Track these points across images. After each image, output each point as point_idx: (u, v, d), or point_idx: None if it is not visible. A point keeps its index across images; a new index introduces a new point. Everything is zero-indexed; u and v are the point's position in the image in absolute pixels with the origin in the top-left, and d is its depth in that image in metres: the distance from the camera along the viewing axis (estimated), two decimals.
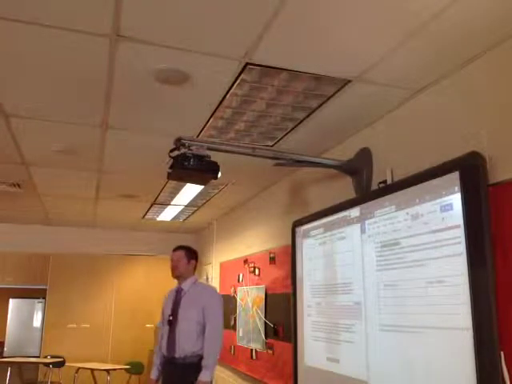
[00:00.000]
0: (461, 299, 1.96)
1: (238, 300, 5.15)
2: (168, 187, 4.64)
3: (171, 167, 2.47)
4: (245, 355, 4.80)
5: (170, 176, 2.57)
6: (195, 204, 5.46)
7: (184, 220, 6.45)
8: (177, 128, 3.04)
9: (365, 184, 2.87)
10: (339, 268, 2.96)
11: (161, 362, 3.69)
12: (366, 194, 2.79)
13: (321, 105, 2.70)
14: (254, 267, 4.78)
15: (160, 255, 6.97)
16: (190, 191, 4.80)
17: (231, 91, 2.54)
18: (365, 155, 2.92)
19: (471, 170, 1.98)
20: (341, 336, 2.86)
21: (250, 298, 4.77)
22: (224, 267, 5.94)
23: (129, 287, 6.81)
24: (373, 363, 2.53)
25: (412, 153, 2.52)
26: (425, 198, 2.23)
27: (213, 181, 2.66)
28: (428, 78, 2.36)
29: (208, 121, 2.96)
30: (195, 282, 3.79)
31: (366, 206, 2.69)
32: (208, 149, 2.51)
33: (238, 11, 1.83)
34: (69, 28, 1.95)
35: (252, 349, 4.60)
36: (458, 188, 2.03)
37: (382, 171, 2.73)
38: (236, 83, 2.44)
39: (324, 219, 3.17)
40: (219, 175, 2.55)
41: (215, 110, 2.80)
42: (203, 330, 3.54)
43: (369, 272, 2.61)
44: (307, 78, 2.38)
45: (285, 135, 3.19)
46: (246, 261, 5.04)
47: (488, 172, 1.95)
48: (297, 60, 2.21)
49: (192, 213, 5.98)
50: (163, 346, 3.64)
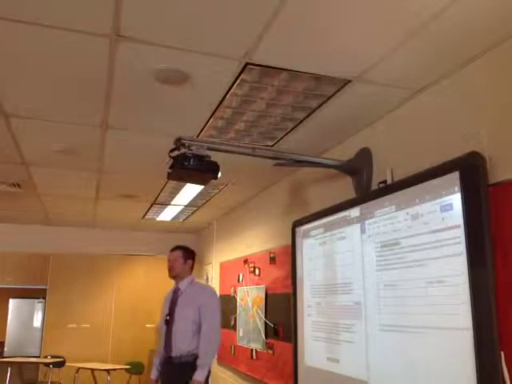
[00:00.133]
0: (461, 299, 1.96)
1: (238, 300, 5.15)
2: (168, 187, 4.64)
3: (171, 167, 2.47)
4: (245, 355, 4.80)
5: (170, 176, 2.57)
6: (195, 204, 5.46)
7: (184, 220, 6.45)
8: (177, 128, 3.04)
9: (365, 184, 2.87)
10: (339, 268, 2.96)
11: (160, 362, 3.70)
12: (366, 194, 2.79)
13: (321, 105, 2.70)
14: (254, 267, 4.78)
15: (160, 255, 6.96)
16: (190, 191, 4.80)
17: (231, 91, 2.54)
18: (365, 155, 2.91)
19: (471, 170, 1.98)
20: (341, 336, 2.86)
21: (250, 298, 4.77)
22: (224, 267, 5.94)
23: (129, 287, 6.81)
24: (373, 363, 2.53)
25: (412, 153, 2.52)
26: (425, 198, 2.23)
27: (213, 181, 2.66)
28: (428, 78, 2.36)
29: (208, 121, 2.96)
30: (192, 282, 3.79)
31: (366, 206, 2.69)
32: (208, 149, 2.50)
33: (238, 11, 1.83)
34: (69, 28, 1.95)
35: (252, 349, 4.60)
36: (458, 188, 2.02)
37: (382, 171, 2.73)
38: (236, 83, 2.44)
39: (324, 219, 3.17)
40: (219, 175, 2.55)
41: (215, 110, 2.80)
42: (199, 330, 3.55)
43: (369, 272, 2.61)
44: (307, 78, 2.38)
45: (285, 135, 3.19)
46: (246, 261, 5.04)
47: (488, 172, 1.95)
48: (297, 60, 2.21)
49: (192, 213, 5.98)
50: (161, 346, 3.67)
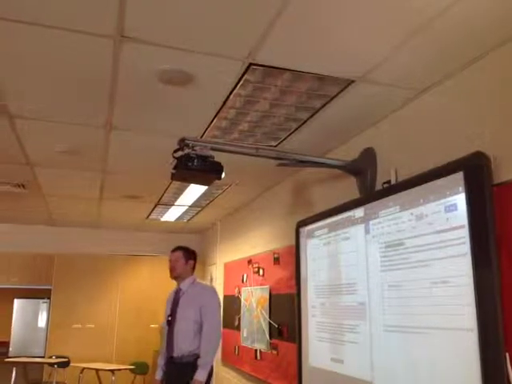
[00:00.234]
0: (465, 300, 1.95)
1: (243, 300, 5.15)
2: (172, 188, 4.65)
3: (175, 168, 2.47)
4: (249, 355, 4.80)
5: (174, 177, 2.57)
6: (199, 204, 5.47)
7: (188, 220, 6.45)
8: (180, 128, 3.05)
9: (369, 184, 2.86)
10: (343, 268, 2.95)
11: (165, 363, 3.71)
12: (371, 194, 2.79)
13: (324, 105, 2.70)
14: (258, 268, 4.78)
15: (164, 255, 6.93)
16: (194, 192, 4.81)
17: (235, 91, 2.54)
18: (369, 155, 2.91)
19: (475, 170, 1.97)
20: (345, 336, 2.85)
21: (255, 299, 4.77)
22: (228, 268, 5.94)
23: (133, 287, 6.82)
24: (377, 364, 2.53)
25: (416, 153, 2.52)
26: (429, 199, 2.22)
27: (217, 181, 2.66)
28: (432, 78, 2.35)
29: (212, 121, 2.96)
30: (193, 282, 3.79)
31: (371, 207, 2.68)
32: (212, 149, 2.50)
33: (242, 12, 1.83)
34: (73, 29, 1.96)
35: (256, 349, 4.60)
36: (463, 188, 2.02)
37: (387, 171, 2.72)
38: (239, 84, 2.44)
39: (328, 219, 3.16)
40: (223, 176, 2.55)
41: (219, 111, 2.80)
42: (201, 330, 3.55)
43: (373, 272, 2.60)
44: (310, 79, 2.38)
45: (288, 135, 3.18)
46: (250, 261, 5.04)
47: (492, 172, 1.94)
48: (300, 60, 2.21)
49: (196, 213, 5.98)
50: (164, 346, 3.68)
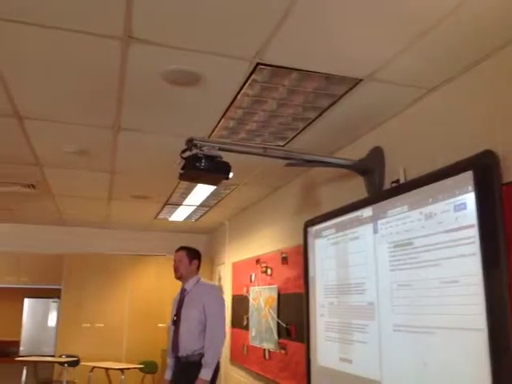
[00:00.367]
0: (475, 299, 1.93)
1: (251, 300, 5.15)
2: (180, 188, 4.66)
3: (183, 168, 2.47)
4: (257, 355, 4.80)
5: (182, 177, 2.57)
6: (207, 204, 5.48)
7: (196, 220, 6.47)
8: (188, 129, 3.05)
9: (377, 183, 2.85)
10: (352, 268, 2.94)
11: (174, 362, 3.73)
12: (379, 194, 2.77)
13: (332, 104, 2.69)
14: (267, 267, 4.77)
15: (172, 255, 6.97)
16: (202, 192, 4.82)
17: (242, 91, 2.54)
18: (377, 154, 2.90)
19: (485, 169, 1.95)
20: (354, 336, 2.84)
21: (263, 298, 4.77)
22: (236, 267, 5.95)
23: (142, 287, 6.85)
24: (386, 364, 2.52)
25: (425, 152, 2.50)
26: (438, 198, 2.21)
27: (224, 181, 2.66)
28: (440, 77, 2.33)
29: (219, 121, 2.96)
30: (198, 282, 3.79)
31: (379, 206, 2.67)
32: (219, 149, 2.51)
33: (249, 11, 1.83)
34: (81, 30, 1.97)
35: (265, 349, 4.60)
36: (472, 187, 2.00)
37: (395, 170, 2.71)
38: (247, 83, 2.44)
39: (336, 219, 3.15)
40: (231, 176, 2.56)
41: (226, 111, 2.80)
42: (205, 329, 3.56)
43: (382, 272, 2.59)
44: (318, 78, 2.37)
45: (296, 135, 3.18)
46: (258, 261, 5.04)
47: (502, 171, 1.93)
48: (307, 60, 2.20)
49: (204, 213, 5.99)
50: (170, 346, 3.71)
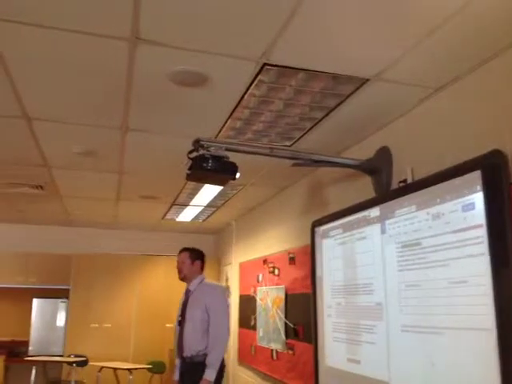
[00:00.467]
0: (484, 300, 1.92)
1: (258, 300, 5.15)
2: (187, 188, 4.67)
3: (190, 168, 2.48)
4: (265, 355, 4.80)
5: (189, 177, 2.58)
6: (214, 205, 5.49)
7: (203, 220, 6.48)
8: (195, 129, 3.06)
9: (385, 183, 2.84)
10: (359, 268, 2.94)
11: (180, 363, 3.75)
12: (386, 194, 2.76)
13: (339, 104, 2.68)
14: (274, 267, 4.77)
15: None
16: (209, 192, 4.82)
17: (249, 92, 2.54)
18: (384, 154, 2.88)
19: (493, 169, 1.94)
20: (362, 337, 2.84)
21: (270, 299, 4.77)
22: (243, 267, 5.95)
23: (150, 287, 6.87)
24: (394, 364, 2.51)
25: (433, 151, 2.49)
26: (446, 198, 2.20)
27: (231, 181, 2.67)
28: (448, 76, 2.32)
29: (226, 122, 2.97)
30: (202, 282, 3.81)
31: (386, 206, 2.66)
32: (226, 150, 2.51)
33: (255, 12, 1.83)
34: (89, 32, 1.98)
35: (272, 349, 4.60)
36: (480, 187, 1.99)
37: (402, 170, 2.70)
38: (254, 84, 2.44)
39: (343, 219, 3.15)
40: (237, 176, 2.56)
41: (233, 111, 2.81)
42: (209, 328, 3.58)
43: (390, 272, 2.58)
44: (325, 78, 2.37)
45: (303, 135, 3.17)
46: (266, 261, 5.04)
47: (511, 170, 1.91)
48: (314, 59, 2.20)
49: (211, 213, 6.00)
50: (175, 347, 3.74)
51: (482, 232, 1.96)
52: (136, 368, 5.84)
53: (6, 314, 6.93)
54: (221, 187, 4.45)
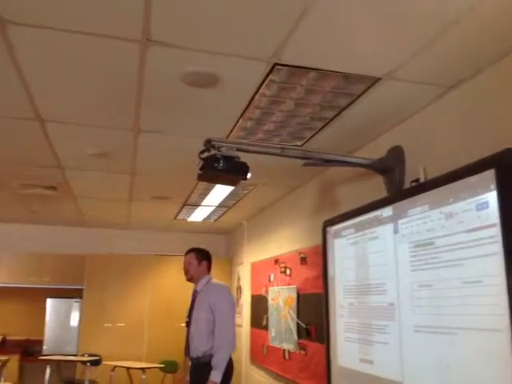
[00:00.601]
0: (498, 300, 1.90)
1: (270, 300, 5.15)
2: (199, 188, 4.69)
3: (201, 169, 2.49)
4: (277, 355, 4.80)
5: (201, 177, 2.59)
6: (226, 205, 5.50)
7: (215, 220, 6.50)
8: (206, 130, 3.07)
9: (397, 183, 2.82)
10: (372, 268, 2.92)
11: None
12: (399, 193, 2.75)
13: (350, 103, 2.67)
14: (285, 267, 4.77)
15: None
16: (221, 192, 4.84)
17: (260, 92, 2.54)
18: (397, 153, 2.87)
19: (507, 168, 1.91)
20: (374, 337, 2.82)
21: (282, 298, 4.76)
22: (255, 267, 5.95)
23: (162, 287, 6.90)
24: (407, 364, 2.49)
25: (445, 150, 2.47)
26: (459, 197, 2.18)
27: (243, 181, 2.67)
28: (461, 74, 2.30)
29: (237, 122, 2.97)
30: (208, 282, 3.81)
31: (399, 206, 2.64)
32: (237, 150, 2.51)
33: (266, 12, 1.83)
34: (100, 34, 2.00)
35: (284, 349, 4.59)
36: (494, 186, 1.97)
37: (415, 169, 2.68)
38: (264, 84, 2.44)
39: (355, 219, 3.13)
40: (249, 176, 2.56)
41: (244, 111, 2.81)
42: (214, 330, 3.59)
43: (403, 272, 2.57)
44: (336, 77, 2.36)
45: (314, 135, 3.17)
46: (277, 261, 5.04)
47: None
48: (325, 59, 2.20)
49: (223, 213, 6.02)
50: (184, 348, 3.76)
51: (496, 231, 1.93)
52: (149, 367, 5.87)
53: (21, 314, 7.02)
54: (232, 187, 4.46)
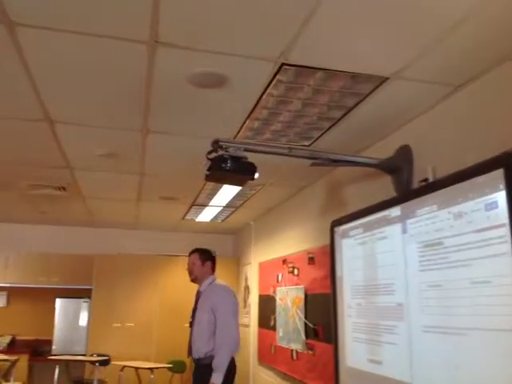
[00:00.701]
0: (507, 300, 1.89)
1: (278, 300, 5.15)
2: (206, 188, 4.70)
3: (209, 169, 2.49)
4: (285, 355, 4.79)
5: (208, 178, 2.59)
6: (233, 205, 5.50)
7: (222, 221, 6.50)
8: (214, 130, 3.08)
9: (405, 182, 2.81)
10: (380, 268, 2.91)
11: None
12: (407, 193, 2.74)
13: (358, 103, 2.67)
14: (293, 267, 4.77)
15: None
16: (228, 192, 4.84)
17: (267, 92, 2.54)
18: (405, 153, 2.85)
19: None
20: (382, 337, 2.81)
21: (290, 299, 4.76)
22: (263, 267, 5.95)
23: (171, 287, 6.91)
24: (416, 365, 2.48)
25: (454, 150, 2.46)
26: (468, 197, 2.17)
27: (250, 182, 2.67)
28: (469, 73, 2.28)
29: (244, 122, 2.98)
30: (212, 283, 3.80)
31: (408, 205, 2.63)
32: (245, 150, 2.51)
33: (273, 13, 1.84)
34: (109, 36, 2.01)
35: (292, 349, 4.59)
36: (503, 185, 1.95)
37: (423, 169, 2.67)
38: (272, 84, 2.44)
39: (363, 219, 3.12)
40: (256, 176, 2.56)
41: (252, 112, 2.81)
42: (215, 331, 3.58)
43: (411, 272, 2.56)
44: (343, 77, 2.36)
45: (321, 135, 3.16)
46: (285, 261, 5.03)
47: None
48: (332, 59, 2.19)
49: (230, 213, 6.02)
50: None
51: (506, 231, 1.92)
52: (157, 367, 5.88)
53: (30, 314, 7.07)
54: (240, 187, 4.46)
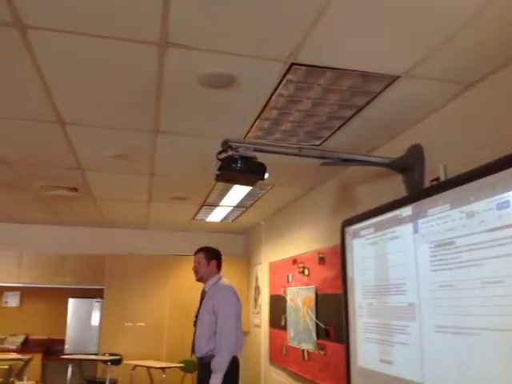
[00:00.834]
0: None
1: (288, 300, 5.14)
2: (216, 189, 4.71)
3: (219, 169, 2.50)
4: (296, 355, 4.79)
5: (218, 178, 2.60)
6: (244, 205, 5.51)
7: (233, 221, 6.51)
8: (224, 130, 3.08)
9: (417, 182, 2.79)
10: (391, 268, 2.89)
11: None
12: (419, 192, 2.72)
13: (369, 102, 2.65)
14: (304, 267, 4.76)
15: None
16: (238, 192, 4.85)
17: (277, 92, 2.54)
18: (416, 152, 2.84)
19: None
20: (394, 337, 2.80)
21: (300, 299, 4.75)
22: (273, 267, 5.95)
23: (182, 287, 6.93)
24: (428, 365, 2.46)
25: (466, 149, 2.43)
26: (480, 196, 2.14)
27: (260, 182, 2.67)
28: (481, 71, 2.26)
29: (254, 122, 2.98)
30: (216, 282, 3.79)
31: (419, 205, 2.62)
32: (255, 150, 2.51)
33: (283, 12, 1.84)
34: (120, 37, 2.02)
35: (303, 349, 4.58)
36: None
37: (435, 168, 2.65)
38: (281, 84, 2.44)
39: (374, 218, 3.11)
40: (266, 176, 2.56)
41: (261, 112, 2.81)
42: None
43: (423, 272, 2.54)
44: (354, 76, 2.35)
45: (332, 134, 3.15)
46: (295, 261, 5.03)
47: None
48: (342, 58, 2.19)
49: (240, 213, 6.03)
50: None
51: None
52: (169, 367, 5.91)
53: (43, 314, 7.14)
54: (250, 188, 4.47)
